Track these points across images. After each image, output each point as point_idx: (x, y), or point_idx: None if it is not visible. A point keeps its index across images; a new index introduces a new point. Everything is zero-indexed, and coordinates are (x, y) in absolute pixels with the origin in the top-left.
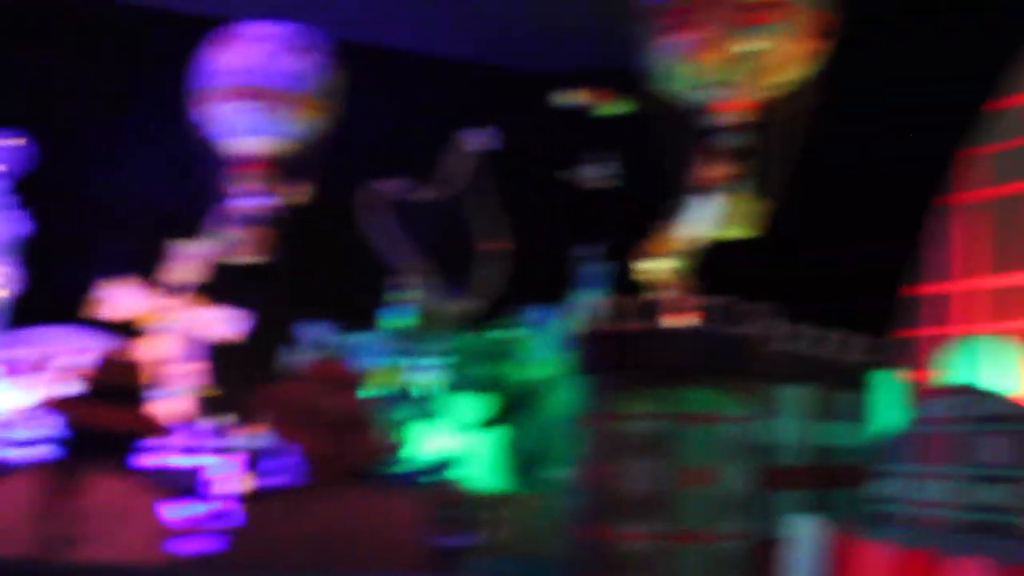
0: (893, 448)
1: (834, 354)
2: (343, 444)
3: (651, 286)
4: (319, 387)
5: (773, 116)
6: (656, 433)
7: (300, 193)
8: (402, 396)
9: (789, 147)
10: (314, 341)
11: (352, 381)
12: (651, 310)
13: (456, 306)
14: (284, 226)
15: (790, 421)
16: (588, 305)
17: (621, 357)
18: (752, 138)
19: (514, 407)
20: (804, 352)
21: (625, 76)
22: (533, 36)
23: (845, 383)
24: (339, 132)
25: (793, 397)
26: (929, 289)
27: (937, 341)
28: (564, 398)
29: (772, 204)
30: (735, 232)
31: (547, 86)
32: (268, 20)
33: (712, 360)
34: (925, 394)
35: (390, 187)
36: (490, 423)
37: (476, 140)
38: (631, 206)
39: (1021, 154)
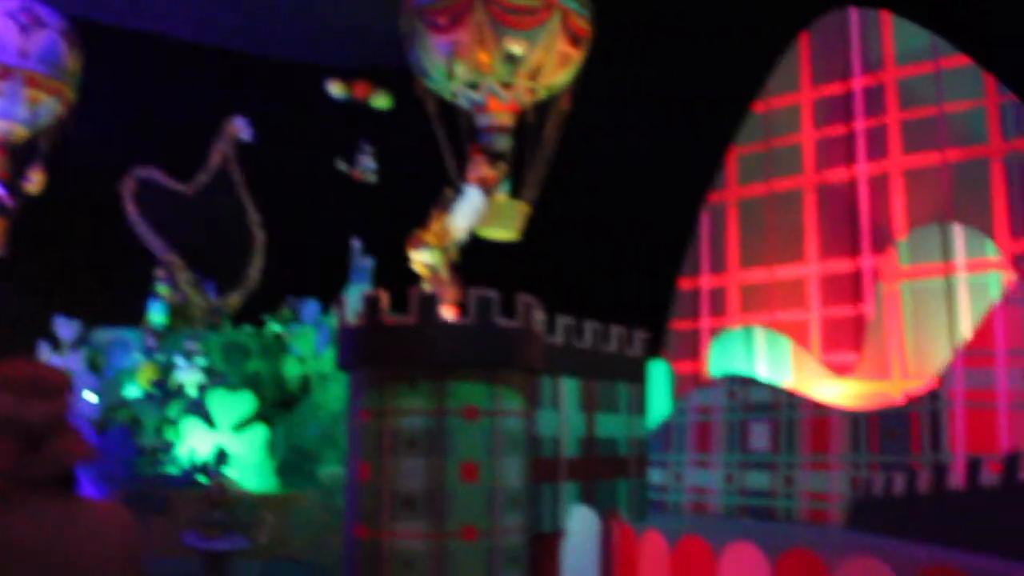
0: (668, 437)
1: (614, 348)
2: (32, 454)
3: (419, 278)
4: (11, 396)
5: (535, 120)
6: (428, 429)
7: (35, 182)
8: (165, 394)
9: (549, 149)
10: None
11: (49, 387)
12: (419, 303)
13: (217, 300)
14: (21, 216)
15: (568, 413)
16: (356, 298)
17: (388, 351)
18: (512, 141)
19: (283, 404)
20: (582, 346)
21: (398, 73)
22: (303, 28)
23: (624, 375)
24: (95, 118)
25: (571, 390)
26: (700, 283)
27: (709, 333)
28: (336, 394)
29: (532, 207)
30: (498, 234)
31: (316, 78)
32: None
33: (482, 355)
34: (698, 384)
35: (151, 176)
36: (258, 421)
37: (237, 129)
38: (398, 199)
39: (770, 157)
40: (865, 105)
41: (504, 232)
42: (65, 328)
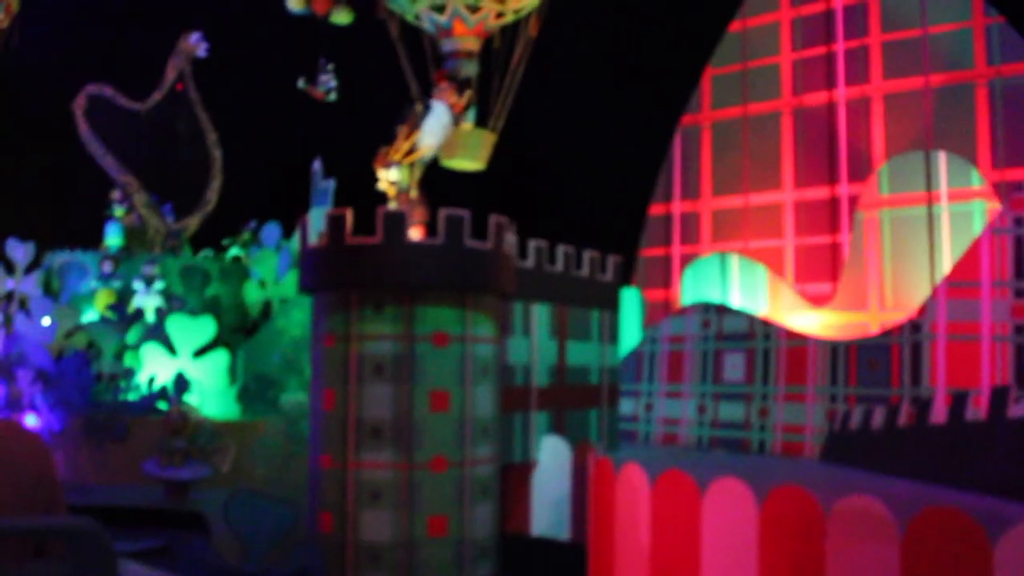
0: (638, 367)
1: (586, 273)
2: None
3: (386, 198)
4: None
5: (501, 45)
6: (395, 355)
7: None
8: (123, 319)
9: (516, 77)
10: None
11: None
12: (386, 223)
13: (174, 223)
14: None
15: (539, 341)
16: (319, 219)
17: (353, 273)
18: (478, 67)
19: (244, 330)
20: (554, 271)
21: None
22: None
23: (596, 302)
24: (43, 32)
25: (542, 316)
26: (672, 209)
27: (680, 260)
28: (298, 319)
29: (498, 137)
30: (464, 164)
31: None
32: None
33: (452, 276)
34: (669, 312)
35: (103, 93)
36: (218, 347)
37: (193, 45)
38: (361, 118)
39: (746, 79)
40: (845, 26)
41: (470, 162)
42: (18, 250)
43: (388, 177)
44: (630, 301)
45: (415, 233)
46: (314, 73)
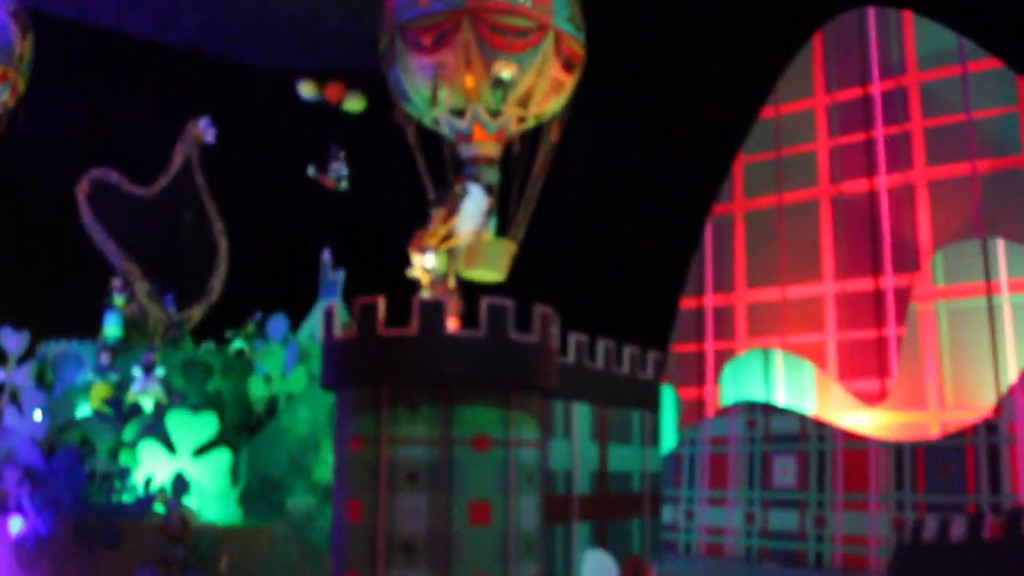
0: (676, 471)
1: (627, 370)
2: None
3: (413, 287)
4: None
5: (522, 150)
6: (431, 461)
7: None
8: (120, 414)
9: (537, 185)
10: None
11: None
12: (423, 312)
13: (176, 314)
14: None
15: (580, 444)
16: (333, 310)
17: (385, 368)
18: (499, 174)
19: (247, 427)
20: (595, 367)
21: (371, 77)
22: (272, 30)
23: (637, 402)
24: (48, 114)
25: (583, 417)
26: (704, 302)
27: (714, 356)
28: (304, 417)
29: (519, 246)
30: (483, 275)
31: (285, 82)
32: None
33: (495, 372)
34: (702, 412)
35: (107, 178)
36: (220, 445)
37: (201, 131)
38: (372, 208)
39: (781, 166)
40: (884, 111)
41: (490, 273)
42: (12, 340)
43: (423, 263)
44: (665, 400)
45: (450, 324)
46: (325, 161)
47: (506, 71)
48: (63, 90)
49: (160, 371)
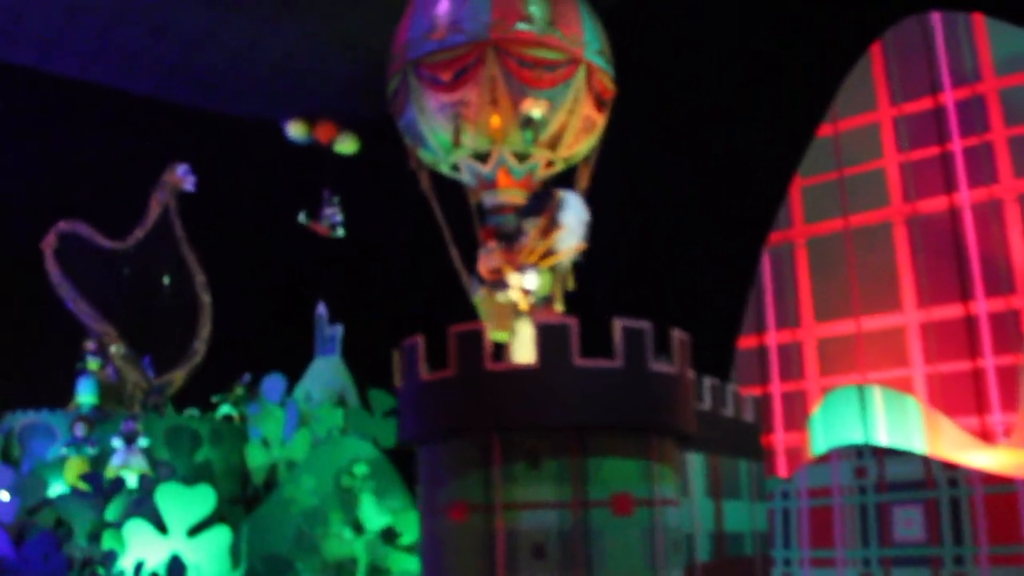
0: (773, 528)
1: (731, 412)
2: None
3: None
4: None
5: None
6: (563, 531)
7: None
8: (100, 491)
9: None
10: None
11: None
12: (544, 341)
13: (156, 378)
14: None
15: (698, 501)
16: (418, 344)
17: (498, 413)
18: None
19: (244, 500)
20: (702, 408)
21: (363, 120)
22: (252, 77)
23: (744, 450)
24: (13, 166)
25: (698, 469)
26: (766, 340)
27: (781, 399)
28: (309, 487)
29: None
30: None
31: (270, 129)
32: None
33: (635, 413)
34: (811, 460)
35: (77, 230)
36: (217, 522)
37: (178, 178)
38: (370, 256)
39: (844, 187)
40: (960, 122)
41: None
42: None
43: (522, 285)
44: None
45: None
46: (317, 207)
47: (536, 109)
48: (23, 140)
49: (143, 441)
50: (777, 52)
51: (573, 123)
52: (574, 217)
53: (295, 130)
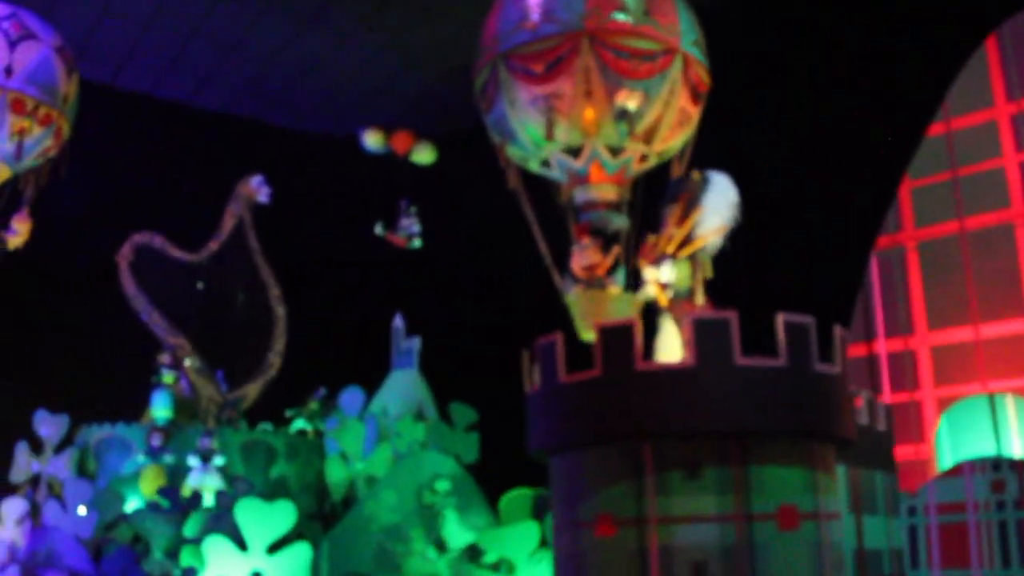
0: (913, 546)
1: (865, 420)
2: None
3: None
4: None
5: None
6: (726, 547)
7: (19, 232)
8: (177, 506)
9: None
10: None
11: None
12: (698, 337)
13: (230, 392)
14: (6, 279)
15: (840, 516)
16: (556, 343)
17: (651, 417)
18: (629, 220)
19: (322, 516)
20: None
21: (436, 136)
22: (323, 94)
23: (879, 461)
24: (91, 177)
25: (840, 481)
26: (876, 348)
27: (896, 410)
28: (390, 503)
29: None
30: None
31: (347, 144)
32: None
33: (800, 417)
34: (939, 474)
35: (152, 242)
36: (297, 539)
37: (253, 190)
38: (447, 267)
39: (958, 188)
40: None
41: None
42: (47, 425)
43: (659, 277)
44: None
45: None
46: (394, 217)
47: (631, 101)
48: (98, 156)
49: (219, 460)
50: (885, 47)
51: (668, 116)
52: (720, 198)
53: (372, 140)
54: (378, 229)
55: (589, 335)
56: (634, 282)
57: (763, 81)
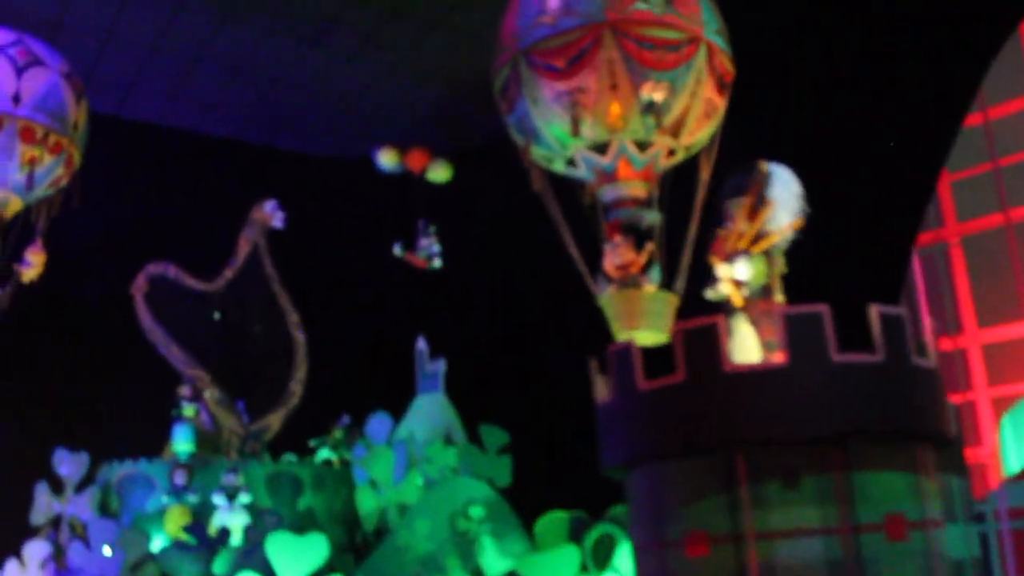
0: (984, 554)
1: None
2: None
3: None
4: None
5: (661, 190)
6: (832, 560)
7: (33, 264)
8: (205, 543)
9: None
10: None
11: None
12: (792, 334)
13: (252, 423)
14: (9, 316)
15: None
16: (632, 348)
17: (743, 423)
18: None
19: (353, 548)
20: None
21: (449, 152)
22: (334, 117)
23: (951, 465)
24: (101, 208)
25: None
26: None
27: (965, 407)
28: (424, 531)
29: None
30: (645, 337)
31: (358, 167)
32: None
33: (901, 416)
34: (1009, 478)
35: (166, 272)
36: (329, 573)
37: (267, 215)
38: (468, 287)
39: (1001, 179)
40: None
41: (654, 333)
42: (67, 464)
43: (732, 274)
44: None
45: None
46: (412, 238)
47: (658, 93)
48: (105, 187)
49: (246, 498)
50: (916, 39)
51: (695, 107)
52: (785, 191)
53: (386, 159)
54: (397, 250)
55: (624, 336)
56: (702, 279)
57: (791, 75)
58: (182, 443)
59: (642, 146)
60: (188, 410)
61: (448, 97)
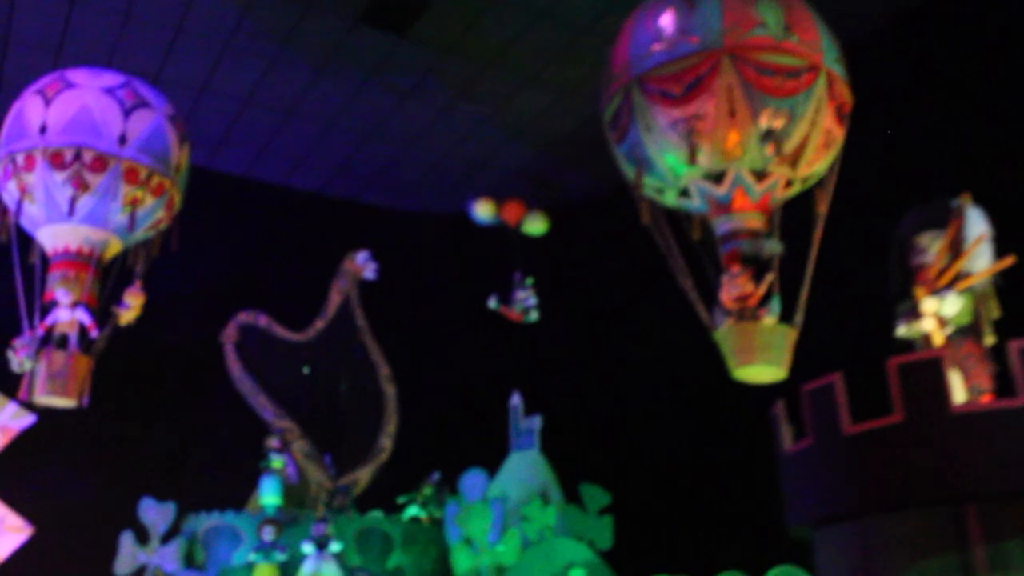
0: None
1: None
2: None
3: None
4: None
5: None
6: None
7: (131, 307)
8: None
9: (812, 263)
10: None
11: None
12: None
13: (340, 477)
14: (110, 359)
15: None
16: (836, 384)
17: (974, 475)
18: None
19: None
20: None
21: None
22: (426, 174)
23: None
24: (195, 259)
25: None
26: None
27: None
28: None
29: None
30: (762, 373)
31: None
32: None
33: None
34: None
35: (256, 322)
36: None
37: (360, 266)
38: (565, 341)
39: None
40: None
41: (772, 370)
42: (154, 513)
43: (939, 310)
44: None
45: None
46: (508, 290)
47: (777, 120)
48: (197, 241)
49: (336, 546)
50: None
51: (814, 137)
52: (981, 230)
53: (482, 210)
54: (492, 303)
55: (742, 373)
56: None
57: (912, 103)
58: (270, 496)
59: (759, 176)
60: (276, 462)
61: (540, 153)
